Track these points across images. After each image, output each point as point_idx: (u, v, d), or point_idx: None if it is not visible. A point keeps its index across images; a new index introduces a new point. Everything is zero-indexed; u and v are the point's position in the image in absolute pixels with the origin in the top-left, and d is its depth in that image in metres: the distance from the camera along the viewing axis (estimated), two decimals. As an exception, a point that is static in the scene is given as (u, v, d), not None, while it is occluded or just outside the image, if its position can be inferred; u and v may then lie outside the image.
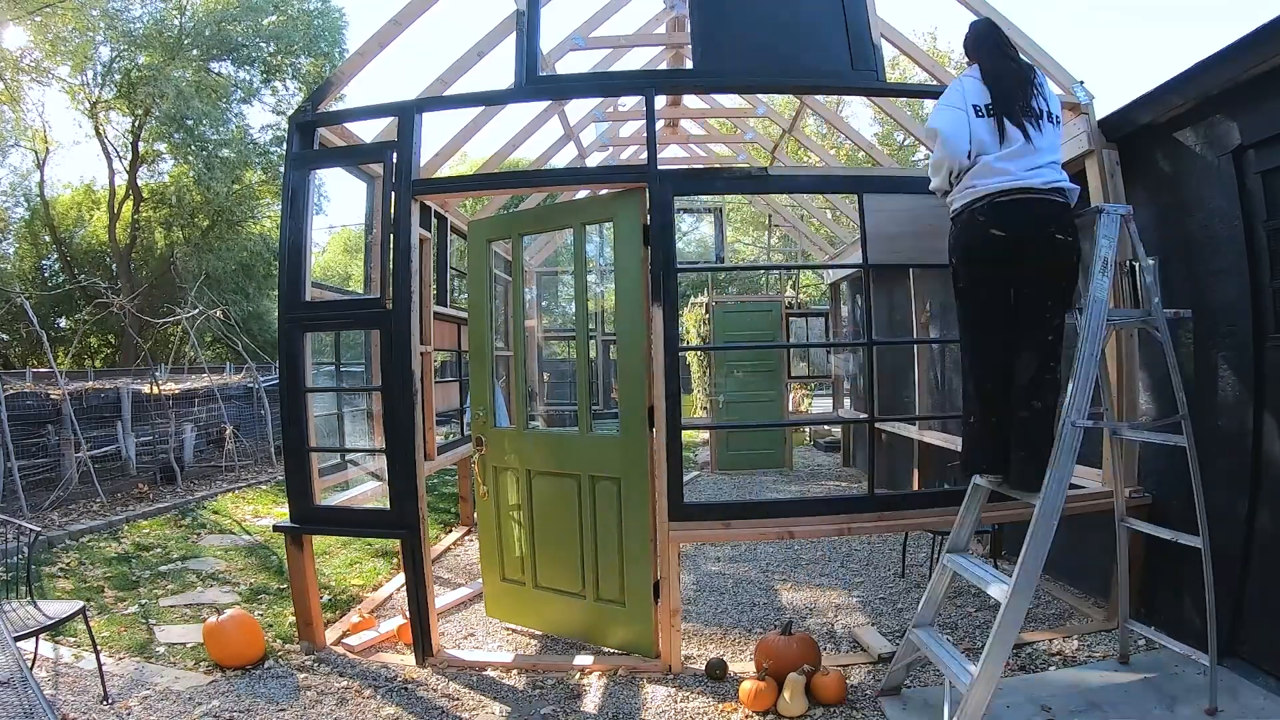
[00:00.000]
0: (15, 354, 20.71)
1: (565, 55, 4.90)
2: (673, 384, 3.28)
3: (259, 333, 20.21)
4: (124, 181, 22.30)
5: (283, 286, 3.58)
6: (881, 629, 3.74)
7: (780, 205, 9.33)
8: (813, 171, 5.80)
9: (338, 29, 22.91)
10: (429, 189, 3.83)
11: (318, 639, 3.62)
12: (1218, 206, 3.09)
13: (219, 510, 6.76)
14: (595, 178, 4.21)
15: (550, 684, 3.24)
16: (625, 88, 4.28)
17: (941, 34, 21.55)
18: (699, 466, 9.18)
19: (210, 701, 3.06)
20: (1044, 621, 3.75)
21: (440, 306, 5.43)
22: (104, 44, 19.94)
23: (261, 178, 22.50)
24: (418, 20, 3.69)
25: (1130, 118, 3.44)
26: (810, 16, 3.49)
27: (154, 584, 4.62)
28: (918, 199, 3.37)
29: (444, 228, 5.61)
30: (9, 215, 22.29)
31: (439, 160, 4.78)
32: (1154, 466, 3.54)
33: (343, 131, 3.94)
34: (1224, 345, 3.12)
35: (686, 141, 7.74)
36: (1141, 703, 2.79)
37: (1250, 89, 2.85)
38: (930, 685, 3.10)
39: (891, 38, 3.94)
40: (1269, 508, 2.91)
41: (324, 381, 4.54)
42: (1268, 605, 2.89)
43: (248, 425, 9.66)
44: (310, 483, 3.56)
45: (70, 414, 6.75)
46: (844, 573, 4.78)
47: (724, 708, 2.97)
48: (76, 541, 5.51)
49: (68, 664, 3.39)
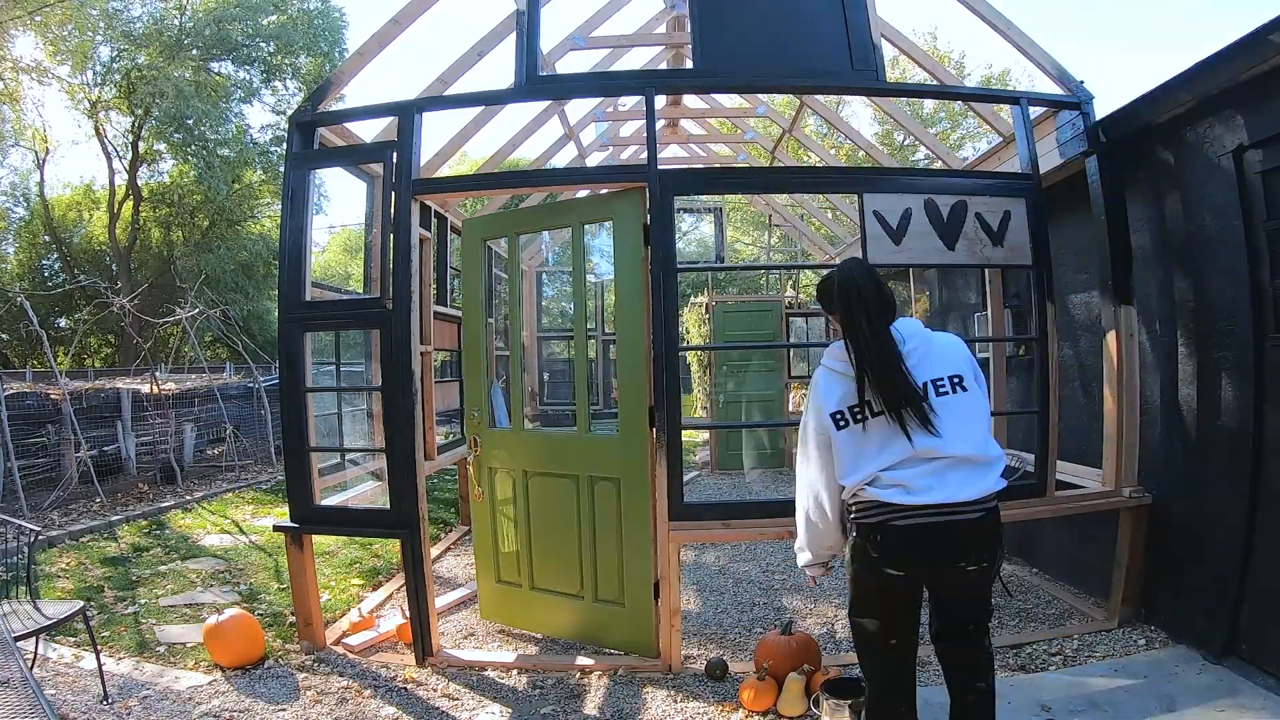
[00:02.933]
0: (15, 354, 20.72)
1: (565, 55, 4.91)
2: (673, 384, 3.28)
3: (259, 333, 20.24)
4: (124, 181, 22.33)
5: (283, 286, 3.58)
6: (881, 629, 3.73)
7: (780, 205, 9.33)
8: (813, 169, 5.80)
9: (338, 29, 22.93)
10: (429, 189, 3.82)
11: (318, 639, 3.62)
12: (1218, 206, 3.09)
13: (217, 510, 6.77)
14: (595, 177, 4.20)
15: (550, 684, 3.24)
16: (625, 88, 4.28)
17: (942, 34, 21.60)
18: (699, 466, 9.18)
19: (210, 701, 3.06)
20: (1044, 621, 3.75)
21: (440, 306, 5.43)
22: (104, 44, 19.95)
23: (261, 177, 22.52)
24: (418, 20, 3.69)
25: (1131, 117, 3.44)
26: (810, 16, 3.49)
27: (154, 584, 4.62)
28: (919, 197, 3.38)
29: (444, 228, 5.61)
30: (9, 215, 22.29)
31: (439, 160, 4.78)
32: (1155, 466, 3.54)
33: (343, 131, 3.94)
34: (1224, 345, 3.12)
35: (686, 141, 7.74)
36: (1141, 703, 2.79)
37: (1250, 89, 2.85)
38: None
39: (891, 38, 3.95)
40: (1269, 507, 2.90)
41: (324, 381, 4.54)
42: (1268, 605, 2.88)
43: (248, 425, 9.66)
44: (310, 482, 3.56)
45: (70, 414, 6.75)
46: (844, 572, 4.76)
47: (724, 708, 2.97)
48: (76, 541, 5.51)
49: (68, 664, 3.39)
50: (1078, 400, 4.12)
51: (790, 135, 7.09)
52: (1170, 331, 3.43)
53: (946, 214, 3.45)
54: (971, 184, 3.57)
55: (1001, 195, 3.46)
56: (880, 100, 5.05)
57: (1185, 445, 3.38)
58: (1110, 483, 3.54)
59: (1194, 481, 3.32)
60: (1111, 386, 3.52)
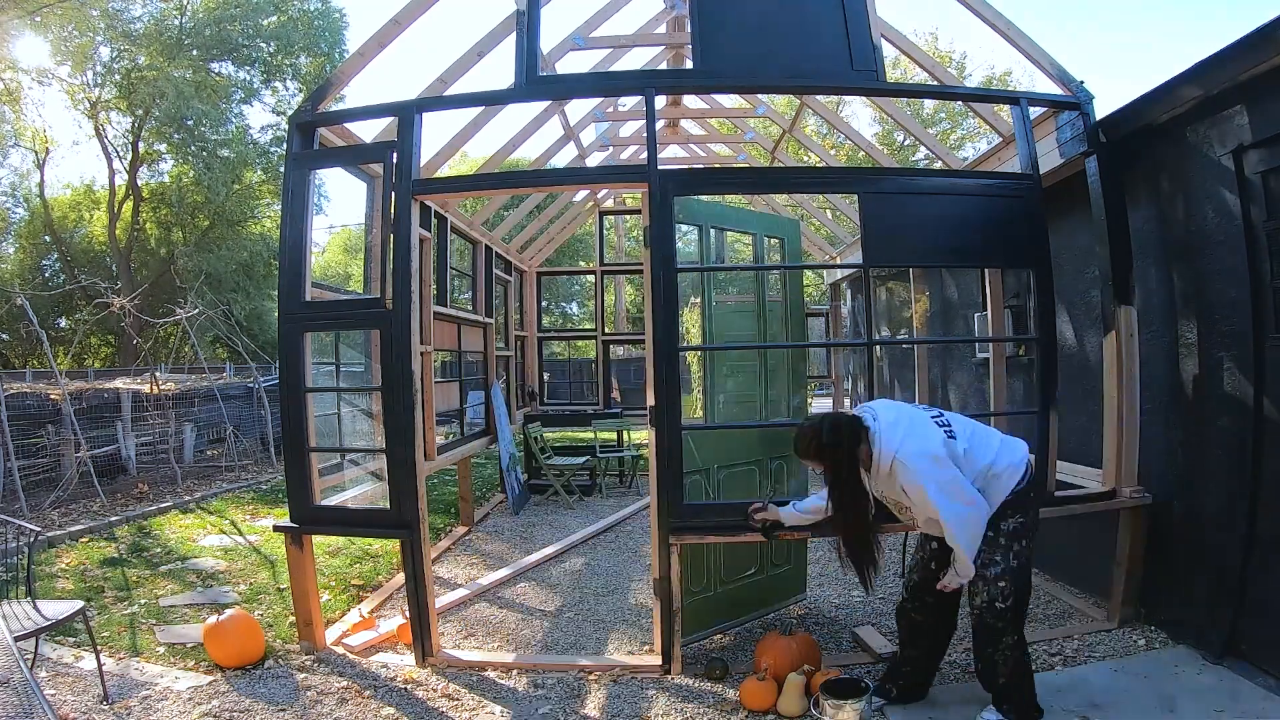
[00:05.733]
0: (15, 354, 20.73)
1: (565, 55, 4.90)
2: (673, 384, 3.28)
3: (259, 333, 20.23)
4: (124, 181, 22.33)
5: (283, 286, 3.58)
6: (881, 629, 3.73)
7: (780, 205, 9.32)
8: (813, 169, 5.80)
9: (338, 29, 22.93)
10: (429, 189, 3.83)
11: (317, 639, 3.61)
12: (1218, 206, 3.09)
13: (217, 511, 6.77)
14: (595, 178, 4.22)
15: (550, 684, 3.24)
16: (625, 88, 4.28)
17: (943, 35, 21.60)
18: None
19: (210, 701, 3.06)
20: (1044, 622, 3.74)
21: (440, 306, 5.43)
22: (104, 44, 19.95)
23: (261, 178, 22.51)
24: (418, 20, 3.69)
25: (1131, 117, 3.44)
26: (810, 16, 3.49)
27: (154, 584, 4.62)
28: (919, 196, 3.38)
29: (444, 228, 5.61)
30: (9, 215, 22.29)
31: (439, 160, 4.78)
32: (1154, 467, 3.54)
33: (343, 131, 3.94)
34: (1224, 344, 3.12)
35: (686, 141, 7.74)
36: (1141, 703, 2.79)
37: (1251, 88, 2.85)
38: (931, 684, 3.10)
39: (891, 38, 3.94)
40: (1269, 507, 2.90)
41: (324, 381, 4.54)
42: (1268, 605, 2.88)
43: (248, 425, 9.66)
44: (310, 483, 3.56)
45: (70, 414, 6.75)
46: (844, 572, 4.76)
47: (724, 708, 2.97)
48: (76, 541, 5.51)
49: (68, 664, 3.39)
50: (1078, 400, 4.11)
51: (790, 135, 7.09)
52: (1170, 331, 3.43)
53: (946, 214, 3.45)
54: (971, 184, 3.57)
55: (1001, 195, 3.46)
56: (880, 100, 5.05)
57: (1185, 445, 3.38)
58: (1110, 482, 3.54)
59: (1194, 481, 3.32)
60: (1111, 386, 3.52)
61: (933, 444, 2.52)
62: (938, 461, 2.49)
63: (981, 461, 2.58)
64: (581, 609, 4.26)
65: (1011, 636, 2.61)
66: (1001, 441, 2.67)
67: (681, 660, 3.32)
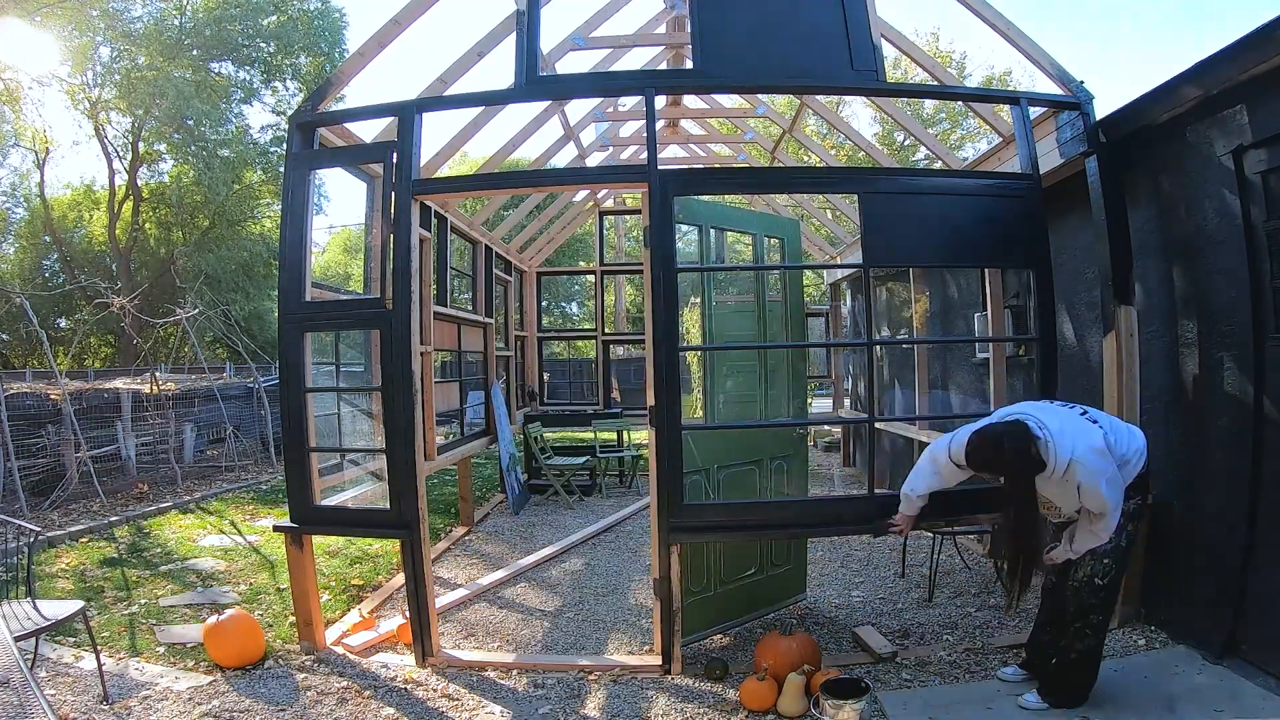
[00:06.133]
0: (15, 354, 20.73)
1: (565, 55, 4.90)
2: (673, 384, 3.28)
3: (259, 333, 20.21)
4: (124, 181, 22.32)
5: (283, 286, 3.58)
6: (882, 629, 3.73)
7: (780, 205, 9.33)
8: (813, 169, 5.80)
9: (338, 29, 22.91)
10: (429, 189, 3.83)
11: (318, 639, 3.61)
12: (1218, 205, 3.09)
13: (217, 511, 6.77)
14: (595, 178, 4.22)
15: (550, 684, 3.23)
16: (625, 88, 4.28)
17: (944, 35, 21.59)
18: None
19: (210, 701, 3.06)
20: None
21: (440, 306, 5.43)
22: (104, 44, 19.94)
23: (261, 178, 22.49)
24: (418, 20, 3.69)
25: (1131, 117, 3.44)
26: (810, 16, 3.49)
27: (154, 584, 4.62)
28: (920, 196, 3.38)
29: (444, 228, 5.61)
30: (9, 215, 22.29)
31: (439, 160, 4.78)
32: (1154, 466, 3.53)
33: (343, 131, 3.94)
34: (1224, 344, 3.12)
35: (686, 141, 7.74)
36: (1141, 703, 2.79)
37: (1251, 88, 2.85)
38: (930, 684, 3.10)
39: (892, 38, 3.95)
40: (1269, 507, 2.90)
41: (324, 381, 4.54)
42: (1268, 605, 2.88)
43: (248, 425, 9.66)
44: (310, 483, 3.56)
45: (70, 414, 6.74)
46: (844, 573, 4.78)
47: (724, 708, 2.97)
48: (76, 542, 5.51)
49: (68, 664, 3.39)
50: (1078, 400, 4.10)
51: (790, 135, 7.09)
52: (1170, 331, 3.43)
53: (946, 214, 3.45)
54: (971, 184, 3.57)
55: (1001, 195, 3.46)
56: (880, 100, 5.05)
57: (1185, 445, 3.38)
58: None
59: (1194, 481, 3.32)
60: (1111, 386, 3.52)
61: (1097, 439, 2.62)
62: (1104, 456, 2.60)
63: (1120, 450, 2.68)
64: (581, 609, 4.27)
65: (1098, 616, 2.74)
66: (1128, 429, 2.80)
67: (681, 660, 3.32)
